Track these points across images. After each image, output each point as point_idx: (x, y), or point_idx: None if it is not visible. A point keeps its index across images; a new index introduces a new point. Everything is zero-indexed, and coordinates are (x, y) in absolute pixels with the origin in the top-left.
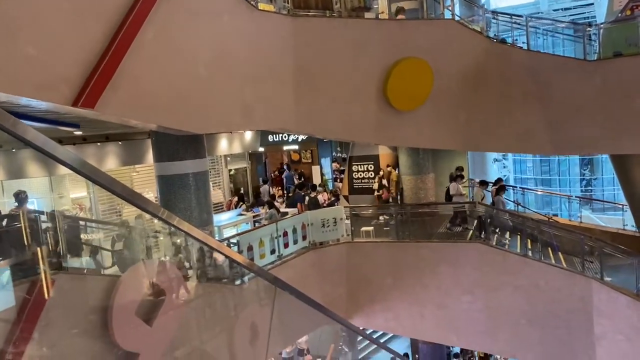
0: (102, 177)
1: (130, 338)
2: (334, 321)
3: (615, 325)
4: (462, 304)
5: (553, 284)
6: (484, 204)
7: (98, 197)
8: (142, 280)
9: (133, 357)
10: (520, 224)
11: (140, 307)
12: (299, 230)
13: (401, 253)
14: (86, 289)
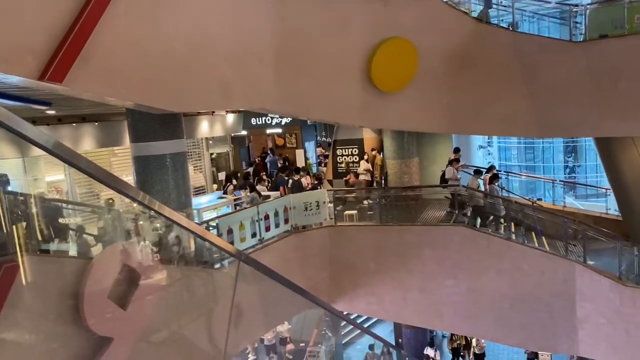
0: (77, 158)
1: (103, 323)
2: (315, 304)
3: (598, 309)
4: (446, 287)
5: (536, 268)
6: (474, 189)
7: (75, 180)
8: (115, 263)
9: (107, 342)
10: (505, 207)
11: (113, 290)
12: (281, 214)
13: (385, 237)
14: (59, 272)
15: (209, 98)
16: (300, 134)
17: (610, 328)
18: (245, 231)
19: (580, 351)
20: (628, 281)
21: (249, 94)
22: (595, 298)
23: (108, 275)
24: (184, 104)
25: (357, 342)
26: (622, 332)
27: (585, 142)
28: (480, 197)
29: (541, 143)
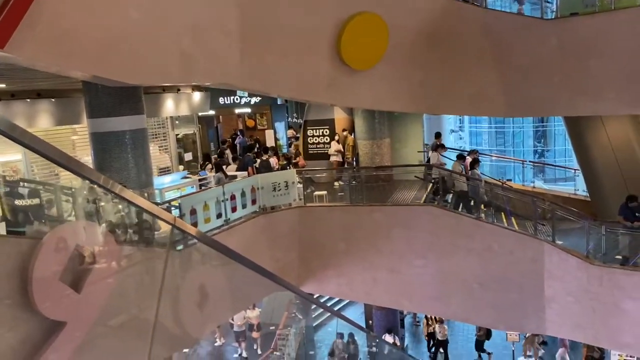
0: (28, 137)
1: (55, 306)
2: (280, 285)
3: (565, 287)
4: (415, 268)
5: (506, 247)
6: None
7: (31, 160)
8: (67, 243)
9: (60, 326)
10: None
11: (65, 272)
12: (248, 194)
13: (354, 217)
14: (5, 253)
15: (168, 71)
16: (270, 114)
17: (577, 306)
18: (209, 212)
19: (548, 330)
20: (595, 260)
21: (212, 68)
22: (563, 277)
23: (59, 256)
24: (142, 76)
25: (329, 325)
26: (589, 310)
27: (555, 127)
28: (464, 181)
29: (511, 128)
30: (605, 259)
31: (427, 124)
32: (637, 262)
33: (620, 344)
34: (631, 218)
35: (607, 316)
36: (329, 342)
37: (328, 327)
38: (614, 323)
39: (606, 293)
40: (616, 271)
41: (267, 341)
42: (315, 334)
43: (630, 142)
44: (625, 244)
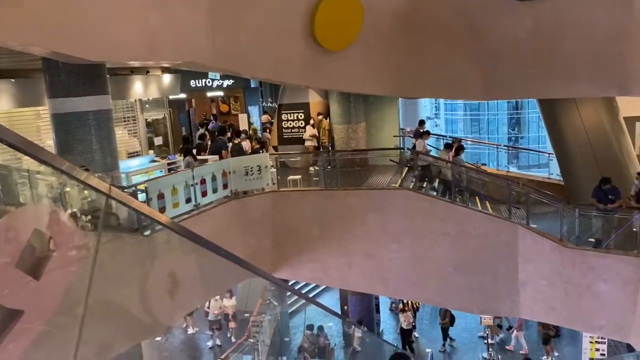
0: None
1: (11, 294)
2: (251, 272)
3: (539, 270)
4: (390, 252)
5: (480, 230)
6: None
7: None
8: (23, 228)
9: (16, 315)
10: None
11: (23, 258)
12: (219, 178)
13: (329, 202)
14: None
15: (133, 48)
16: (243, 97)
17: (550, 289)
18: (178, 196)
19: (521, 313)
20: (569, 243)
21: (180, 46)
22: (537, 260)
23: (14, 241)
24: (103, 53)
25: (305, 311)
26: (562, 292)
27: (528, 115)
28: (449, 169)
29: (486, 115)
30: (578, 241)
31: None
32: (609, 245)
33: (593, 326)
34: (604, 200)
35: (580, 299)
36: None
37: (304, 314)
38: (586, 305)
39: (579, 276)
40: (589, 254)
41: (243, 329)
42: (291, 320)
43: (603, 125)
44: (598, 227)
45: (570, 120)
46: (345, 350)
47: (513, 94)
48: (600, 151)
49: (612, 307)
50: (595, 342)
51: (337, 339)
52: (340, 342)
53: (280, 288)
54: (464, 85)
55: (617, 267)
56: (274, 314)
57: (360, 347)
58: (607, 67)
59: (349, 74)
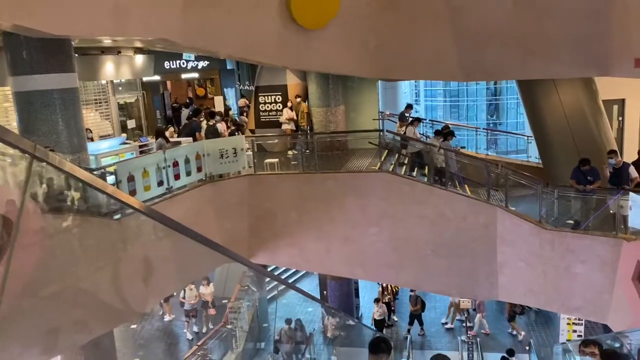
0: None
1: None
2: (228, 257)
3: (518, 253)
4: (369, 236)
5: (458, 213)
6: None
7: None
8: None
9: None
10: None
11: None
12: (193, 161)
13: (307, 185)
14: None
15: (99, 22)
16: (219, 79)
17: (528, 271)
18: (149, 179)
19: (500, 296)
20: (547, 224)
21: (149, 21)
22: (516, 242)
23: None
24: (68, 27)
25: (284, 297)
26: (540, 274)
27: (507, 101)
28: (441, 156)
29: (465, 102)
30: (556, 223)
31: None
32: (588, 226)
33: (571, 307)
34: (583, 181)
35: (558, 280)
36: (284, 314)
37: (283, 299)
38: (565, 287)
39: (557, 257)
40: (567, 235)
41: (221, 316)
42: (269, 306)
43: (582, 108)
44: (577, 208)
45: (549, 103)
46: (324, 335)
47: (492, 76)
48: (579, 134)
49: (590, 289)
50: (572, 324)
51: (316, 324)
52: (319, 327)
53: (259, 273)
54: (443, 66)
55: (595, 248)
56: (252, 299)
57: (338, 333)
58: (587, 48)
59: (327, 54)
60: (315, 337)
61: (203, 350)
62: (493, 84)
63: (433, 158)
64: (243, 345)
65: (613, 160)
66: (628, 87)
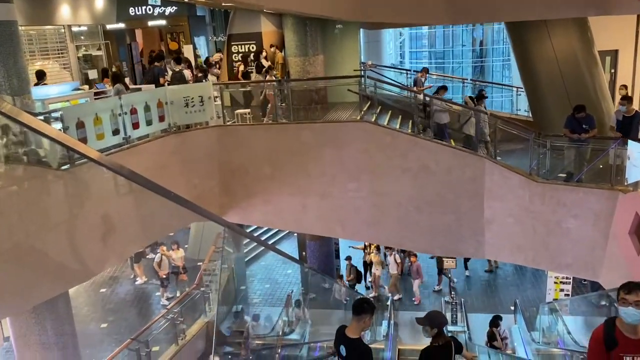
0: None
1: None
2: (200, 215)
3: (506, 207)
4: (348, 192)
5: (443, 165)
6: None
7: None
8: None
9: None
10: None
11: None
12: (154, 109)
13: (281, 137)
14: None
15: None
16: (187, 26)
17: (517, 227)
18: (102, 126)
19: (486, 253)
20: (538, 177)
21: None
22: (504, 196)
23: None
24: None
25: (263, 259)
26: (529, 229)
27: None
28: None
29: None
30: (548, 176)
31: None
32: (581, 179)
33: (561, 265)
34: (578, 130)
35: (549, 236)
36: (262, 276)
37: (261, 262)
38: (555, 243)
39: (548, 212)
40: (559, 188)
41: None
42: (248, 268)
43: (576, 58)
44: (570, 160)
45: (542, 51)
46: (303, 296)
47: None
48: (572, 84)
49: (582, 245)
50: (560, 283)
51: (296, 286)
52: (298, 289)
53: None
54: (429, 8)
55: (589, 201)
56: (227, 261)
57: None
58: None
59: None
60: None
61: (172, 313)
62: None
63: (469, 126)
64: (217, 308)
65: (624, 108)
66: (621, 38)
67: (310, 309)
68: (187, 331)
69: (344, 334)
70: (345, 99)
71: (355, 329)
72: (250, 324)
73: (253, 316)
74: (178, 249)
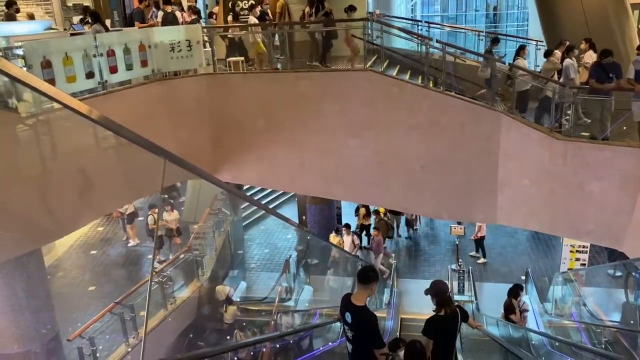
0: None
1: None
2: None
3: (523, 168)
4: (349, 149)
5: (456, 120)
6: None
7: None
8: None
9: None
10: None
11: None
12: (136, 53)
13: (277, 88)
14: None
15: None
16: None
17: (533, 189)
18: (74, 67)
19: (498, 219)
20: (560, 134)
21: None
22: (521, 156)
23: None
24: None
25: (262, 223)
26: (547, 193)
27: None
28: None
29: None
30: (571, 132)
31: None
32: (607, 137)
33: (581, 231)
34: (604, 79)
35: (569, 200)
36: (261, 241)
37: (261, 226)
38: (575, 208)
39: (569, 173)
40: (583, 146)
41: None
42: (246, 232)
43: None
44: (595, 115)
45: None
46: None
47: None
48: (599, 38)
49: (606, 209)
50: (575, 252)
51: (293, 251)
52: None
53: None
54: None
55: (617, 161)
56: (223, 224)
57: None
58: None
59: None
60: (292, 265)
61: (162, 277)
62: (493, 11)
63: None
64: (211, 272)
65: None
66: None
67: (311, 275)
68: (177, 295)
69: (350, 301)
70: (349, 53)
71: (361, 296)
72: (247, 289)
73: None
74: (172, 210)
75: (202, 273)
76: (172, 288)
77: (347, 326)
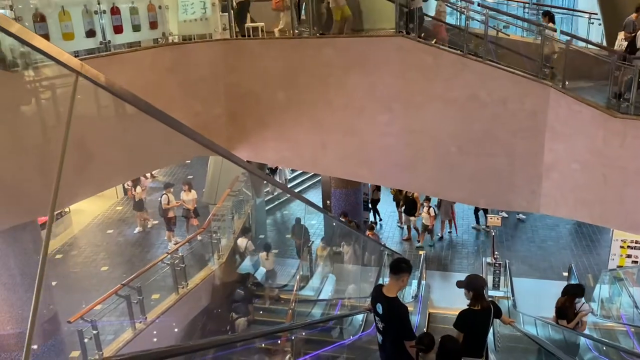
0: None
1: None
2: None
3: (572, 150)
4: (377, 126)
5: (497, 95)
6: None
7: None
8: None
9: None
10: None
11: None
12: (144, 12)
13: (299, 56)
14: None
15: None
16: None
17: (584, 175)
18: (71, 23)
19: (541, 208)
20: (618, 112)
21: None
22: (571, 136)
23: None
24: None
25: (285, 208)
26: (599, 180)
27: None
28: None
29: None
30: (630, 110)
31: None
32: None
33: (636, 224)
34: None
35: (624, 187)
36: (284, 226)
37: (284, 210)
38: (632, 197)
39: (627, 157)
40: None
41: None
42: (269, 217)
43: None
44: None
45: None
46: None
47: None
48: None
49: None
50: (627, 247)
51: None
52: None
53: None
54: None
55: None
56: (243, 206)
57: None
58: None
59: None
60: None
61: (173, 258)
62: None
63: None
64: (228, 256)
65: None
66: None
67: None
68: (190, 279)
69: (381, 292)
70: (385, 24)
71: (392, 288)
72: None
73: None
74: (190, 190)
75: (217, 257)
76: (184, 271)
77: (378, 317)
